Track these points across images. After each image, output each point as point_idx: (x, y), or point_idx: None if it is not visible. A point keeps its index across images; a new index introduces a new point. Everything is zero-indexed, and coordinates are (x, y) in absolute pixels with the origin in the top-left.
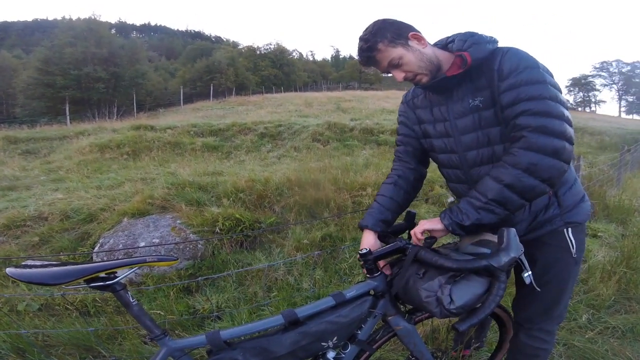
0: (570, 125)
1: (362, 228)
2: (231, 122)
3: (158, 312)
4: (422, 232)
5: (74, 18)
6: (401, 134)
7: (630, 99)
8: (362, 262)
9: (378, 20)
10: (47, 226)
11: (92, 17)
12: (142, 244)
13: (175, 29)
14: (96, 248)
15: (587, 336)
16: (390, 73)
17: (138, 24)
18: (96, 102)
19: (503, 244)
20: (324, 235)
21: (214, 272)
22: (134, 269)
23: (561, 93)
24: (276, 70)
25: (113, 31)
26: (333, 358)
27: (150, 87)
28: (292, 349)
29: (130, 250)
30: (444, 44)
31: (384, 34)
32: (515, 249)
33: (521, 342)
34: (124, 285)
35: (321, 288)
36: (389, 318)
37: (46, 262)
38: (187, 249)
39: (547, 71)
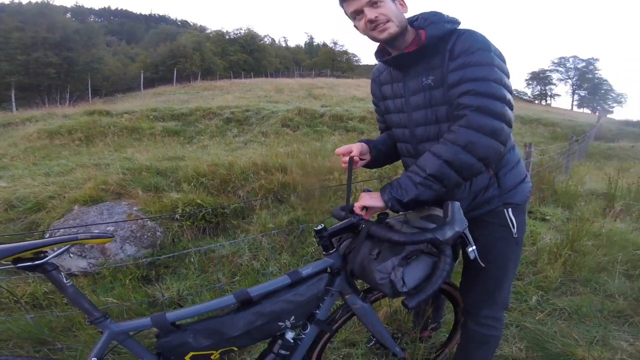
0: (511, 109)
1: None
2: (195, 106)
3: (114, 301)
4: (362, 208)
5: (24, 2)
6: (376, 111)
7: (582, 93)
8: (317, 239)
9: None
10: None
11: (45, 1)
12: (96, 231)
13: (138, 13)
14: (47, 237)
15: (537, 318)
16: (361, 12)
17: (97, 8)
18: (46, 88)
19: (448, 217)
20: (291, 219)
21: (174, 260)
22: (64, 248)
23: (508, 77)
24: (246, 56)
25: (68, 15)
26: (292, 339)
27: (108, 72)
28: (246, 330)
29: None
30: (411, 22)
31: None
32: (459, 222)
33: (470, 329)
34: (56, 266)
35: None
36: (346, 297)
37: None
38: (145, 236)
39: (499, 55)
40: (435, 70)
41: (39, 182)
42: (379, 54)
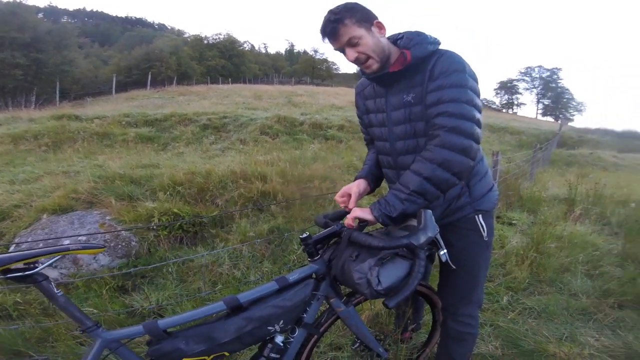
0: (480, 127)
1: (357, 179)
2: (170, 112)
3: (91, 310)
4: (353, 219)
5: None
6: (360, 123)
7: (546, 102)
8: (303, 246)
9: (350, 1)
10: None
11: (17, 0)
12: (67, 242)
13: (114, 15)
14: (11, 248)
15: (509, 317)
16: (343, 51)
17: (71, 9)
18: (11, 90)
19: (421, 224)
20: (271, 227)
21: (151, 269)
22: (55, 258)
23: (479, 97)
24: (224, 61)
25: (40, 15)
26: (282, 342)
27: (79, 74)
28: (237, 335)
29: (50, 241)
30: (394, 40)
31: (354, 13)
32: (432, 228)
33: (449, 327)
34: (46, 276)
35: (270, 280)
36: (331, 301)
37: None
38: (120, 246)
39: (472, 75)
40: (416, 88)
41: (3, 190)
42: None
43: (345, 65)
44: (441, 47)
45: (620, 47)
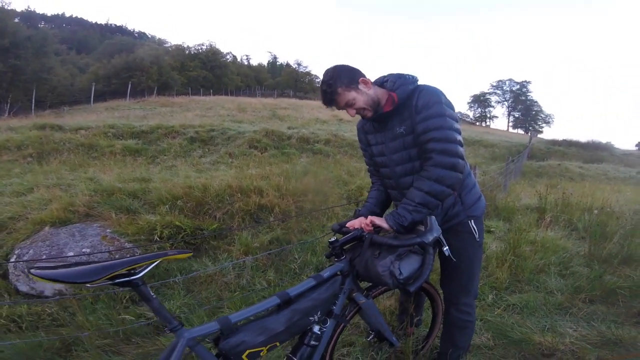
0: (462, 146)
1: (359, 215)
2: (155, 124)
3: (106, 322)
4: (370, 224)
5: None
6: (364, 155)
7: (516, 115)
8: (330, 249)
9: (336, 66)
10: None
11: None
12: (71, 253)
13: (93, 22)
14: (12, 259)
15: (495, 312)
16: (345, 109)
17: (49, 14)
18: None
19: (428, 227)
20: (271, 239)
21: (156, 281)
22: (155, 263)
23: (456, 121)
24: (206, 72)
25: (17, 20)
26: (319, 331)
27: (55, 82)
28: (287, 325)
29: (57, 258)
30: (381, 83)
31: (342, 79)
32: (436, 230)
33: (453, 316)
34: (144, 280)
35: (276, 287)
36: (354, 294)
37: (66, 263)
38: (124, 258)
39: (449, 104)
40: (406, 121)
41: None
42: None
43: None
44: (420, 82)
45: (586, 57)
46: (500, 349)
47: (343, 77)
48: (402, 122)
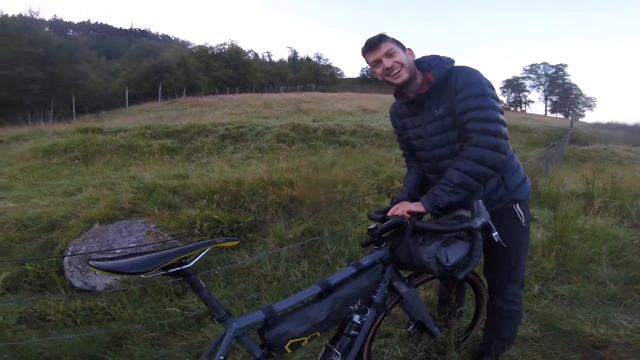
0: (505, 126)
1: (398, 201)
2: (188, 123)
3: (153, 315)
4: (408, 212)
5: (4, 14)
6: (398, 140)
7: (554, 99)
8: (370, 236)
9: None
10: (4, 236)
11: (29, 15)
12: (118, 251)
13: (118, 27)
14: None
15: (542, 303)
16: (379, 63)
17: (76, 22)
18: (29, 105)
19: (475, 211)
20: (304, 230)
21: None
22: (205, 251)
23: (498, 101)
24: (230, 71)
25: (47, 29)
26: (359, 320)
27: (90, 88)
28: (328, 314)
29: (103, 249)
30: (417, 64)
31: (392, 39)
32: (484, 214)
33: (498, 306)
34: (194, 270)
35: (311, 278)
36: (395, 283)
37: (123, 254)
38: None
39: (489, 84)
40: (445, 102)
41: (48, 202)
42: (397, 94)
43: (349, 70)
44: (456, 63)
45: (627, 41)
46: (548, 341)
47: (391, 38)
48: (440, 103)
